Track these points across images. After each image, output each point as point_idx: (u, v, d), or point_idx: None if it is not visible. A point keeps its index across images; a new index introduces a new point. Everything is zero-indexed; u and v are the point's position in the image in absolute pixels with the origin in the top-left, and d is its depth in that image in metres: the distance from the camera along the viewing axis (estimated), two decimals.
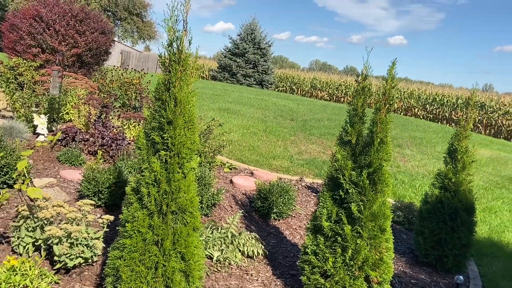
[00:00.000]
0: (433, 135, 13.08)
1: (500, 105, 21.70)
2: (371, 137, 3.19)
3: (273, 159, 7.36)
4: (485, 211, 6.40)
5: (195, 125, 2.85)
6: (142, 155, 2.79)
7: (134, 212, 2.73)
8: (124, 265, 2.68)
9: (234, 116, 10.91)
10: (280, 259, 3.99)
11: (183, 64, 2.72)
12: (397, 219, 5.32)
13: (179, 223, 2.79)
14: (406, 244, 4.82)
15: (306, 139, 9.45)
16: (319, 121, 12.34)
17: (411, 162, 9.10)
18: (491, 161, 10.78)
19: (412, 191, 6.86)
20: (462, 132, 4.34)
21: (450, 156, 4.38)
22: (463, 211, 4.22)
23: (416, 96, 25.37)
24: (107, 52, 10.34)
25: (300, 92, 30.37)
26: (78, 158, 5.22)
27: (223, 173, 6.11)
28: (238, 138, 8.43)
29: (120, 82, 7.88)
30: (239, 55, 29.71)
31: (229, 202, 4.98)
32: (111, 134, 5.73)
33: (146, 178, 2.72)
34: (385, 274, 3.21)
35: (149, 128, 2.80)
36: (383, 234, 3.20)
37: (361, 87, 3.28)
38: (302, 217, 5.04)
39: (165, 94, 2.74)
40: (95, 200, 4.13)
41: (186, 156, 2.79)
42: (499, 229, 5.67)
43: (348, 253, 3.11)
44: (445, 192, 4.29)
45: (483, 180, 8.52)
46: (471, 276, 4.21)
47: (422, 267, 4.29)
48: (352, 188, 3.15)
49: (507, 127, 20.06)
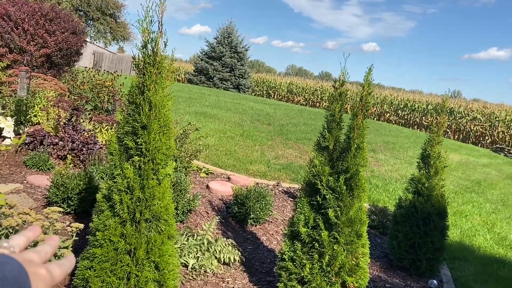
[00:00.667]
0: (405, 140, 13.36)
1: (468, 111, 22.43)
2: (348, 143, 3.20)
3: (250, 163, 7.31)
4: (456, 214, 6.55)
5: (171, 130, 2.77)
6: (114, 161, 2.69)
7: (105, 220, 2.62)
8: (95, 276, 2.57)
9: (211, 120, 10.81)
10: (257, 265, 3.94)
11: (158, 66, 2.65)
12: (372, 223, 5.36)
13: (153, 231, 2.70)
14: (380, 248, 4.86)
15: (283, 144, 9.45)
16: (295, 125, 12.39)
17: (385, 166, 9.24)
18: (460, 165, 11.10)
19: (386, 195, 6.95)
20: (434, 138, 4.42)
21: (423, 161, 4.45)
22: (436, 216, 4.29)
23: (388, 102, 25.92)
24: (78, 53, 10.06)
25: (277, 97, 30.50)
26: (47, 163, 5.02)
27: (199, 178, 6.01)
28: (215, 142, 8.35)
29: (92, 84, 7.66)
30: (215, 58, 29.59)
31: (206, 208, 4.89)
32: (82, 137, 5.55)
33: (119, 185, 2.62)
34: (361, 280, 3.21)
35: (122, 132, 2.71)
36: (359, 240, 3.20)
37: (339, 93, 3.28)
38: (279, 222, 5.01)
39: (139, 97, 2.65)
40: (64, 207, 3.97)
41: (161, 162, 2.71)
42: (470, 233, 5.81)
43: (325, 259, 3.09)
44: (419, 196, 4.35)
45: (453, 184, 8.74)
46: (444, 280, 4.27)
47: (396, 271, 4.33)
48: (330, 194, 3.14)
49: (475, 132, 20.74)
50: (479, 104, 24.06)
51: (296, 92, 29.87)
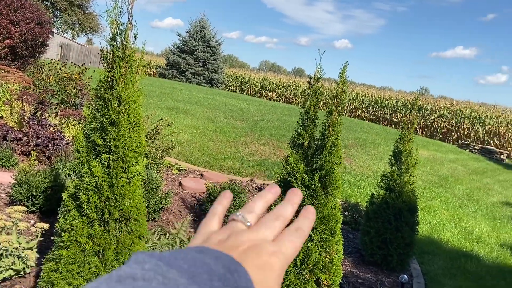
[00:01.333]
0: (376, 136, 13.60)
1: (436, 108, 23.10)
2: (323, 140, 3.18)
3: (223, 160, 7.24)
4: (425, 210, 6.71)
5: (142, 126, 2.67)
6: (81, 159, 2.57)
7: (72, 220, 2.50)
8: (60, 278, 2.45)
9: (183, 116, 10.64)
10: None
11: (128, 60, 2.54)
12: (344, 219, 5.41)
13: (123, 232, 2.60)
14: (352, 244, 4.91)
15: (256, 140, 9.41)
16: (269, 121, 12.38)
17: (357, 162, 9.37)
18: (428, 161, 11.40)
19: (357, 191, 7.04)
20: (406, 135, 4.48)
21: (395, 158, 4.51)
22: (407, 211, 4.36)
23: (360, 98, 26.34)
24: (44, 44, 9.65)
25: (250, 92, 30.43)
26: (10, 159, 4.78)
27: (171, 175, 5.89)
28: (188, 138, 8.21)
29: (58, 77, 7.36)
30: (188, 52, 29.17)
31: (178, 206, 4.79)
32: (47, 133, 5.32)
33: (86, 184, 2.51)
34: (335, 276, 3.21)
35: (89, 128, 2.58)
36: (333, 237, 3.20)
37: (314, 90, 3.26)
38: None
39: (108, 92, 2.53)
40: (29, 206, 3.79)
41: (131, 160, 2.60)
42: (439, 228, 5.96)
43: (299, 256, 3.08)
44: (390, 193, 4.41)
45: (422, 179, 8.97)
46: (414, 274, 4.36)
47: (368, 267, 4.38)
48: (304, 192, 3.12)
49: (442, 129, 21.39)
50: (446, 101, 24.83)
51: (269, 88, 29.90)
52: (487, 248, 5.48)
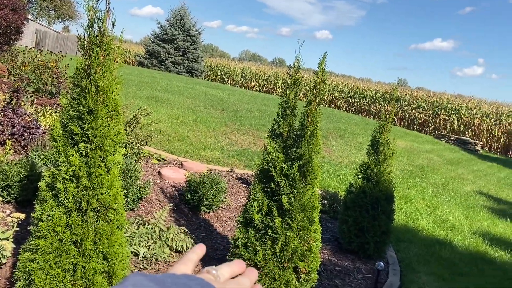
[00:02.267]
0: (355, 127, 13.78)
1: (413, 99, 23.52)
2: (302, 130, 3.22)
3: (203, 150, 7.22)
4: (401, 199, 6.88)
5: (120, 115, 2.64)
6: (58, 148, 2.53)
7: (48, 210, 2.47)
8: (38, 268, 2.42)
9: (163, 105, 10.53)
10: (210, 252, 3.92)
11: (106, 48, 2.50)
12: (323, 208, 5.50)
13: (101, 221, 2.58)
14: (331, 232, 5.00)
15: (237, 130, 9.41)
16: (249, 111, 12.37)
17: (336, 152, 9.49)
18: (405, 151, 11.64)
19: (336, 181, 7.14)
20: (384, 125, 4.57)
21: (373, 148, 4.60)
22: (384, 200, 4.46)
23: (339, 89, 26.57)
24: (19, 31, 9.36)
25: (231, 82, 30.28)
26: None
27: (150, 164, 5.85)
28: (167, 128, 8.15)
29: (34, 64, 7.15)
30: (168, 41, 28.75)
31: (157, 195, 4.78)
32: (23, 122, 5.19)
33: (63, 173, 2.47)
34: (313, 264, 3.28)
35: (66, 117, 2.54)
36: (311, 225, 3.26)
37: (293, 80, 3.28)
38: (233, 209, 5.01)
39: (85, 80, 2.50)
40: (4, 196, 3.71)
41: (110, 149, 2.58)
42: (414, 216, 6.12)
43: (278, 245, 3.12)
44: (368, 182, 4.50)
45: (399, 169, 9.17)
46: (390, 262, 4.48)
47: (345, 255, 4.48)
48: (283, 181, 3.16)
49: (419, 120, 21.83)
50: (423, 93, 25.30)
51: (250, 78, 29.82)
52: (460, 236, 5.67)
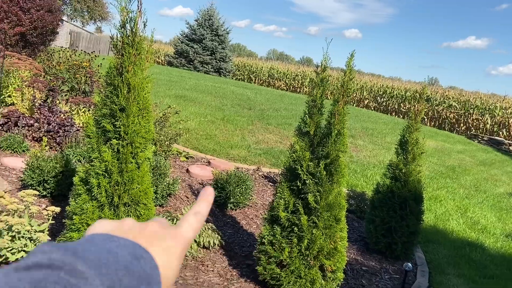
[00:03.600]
0: (383, 126, 13.56)
1: (445, 98, 22.88)
2: (329, 129, 3.21)
3: (230, 148, 7.29)
4: (431, 199, 6.73)
5: (150, 113, 2.73)
6: (91, 144, 2.63)
7: (82, 204, 2.58)
8: None
9: (191, 104, 10.69)
10: (237, 249, 3.96)
11: (137, 47, 2.58)
12: (350, 208, 5.46)
13: (132, 216, 2.67)
14: (357, 232, 4.96)
15: (263, 129, 9.45)
16: (276, 110, 12.38)
17: (363, 152, 9.38)
18: (436, 151, 11.36)
19: (364, 181, 7.06)
20: (413, 125, 4.49)
21: (401, 147, 4.53)
22: (412, 200, 4.39)
23: (368, 88, 26.16)
24: (54, 32, 9.72)
25: (258, 81, 30.35)
26: (21, 145, 4.87)
27: (179, 162, 5.96)
28: (195, 126, 8.27)
29: (68, 64, 7.43)
30: (196, 41, 29.10)
31: (185, 192, 4.87)
32: (58, 119, 5.40)
33: (96, 168, 2.58)
34: (339, 263, 3.27)
35: (99, 115, 2.64)
36: (338, 224, 3.25)
37: (320, 78, 3.28)
38: (259, 207, 5.04)
39: (118, 79, 2.59)
40: (40, 190, 3.88)
41: (140, 146, 2.67)
42: (444, 217, 5.98)
43: (304, 243, 3.13)
44: (396, 182, 4.43)
45: (429, 170, 8.96)
46: (418, 263, 4.40)
47: (372, 255, 4.43)
48: (310, 179, 3.16)
49: (450, 120, 21.22)
50: (455, 92, 24.57)
51: (277, 77, 29.78)
52: (492, 238, 5.50)
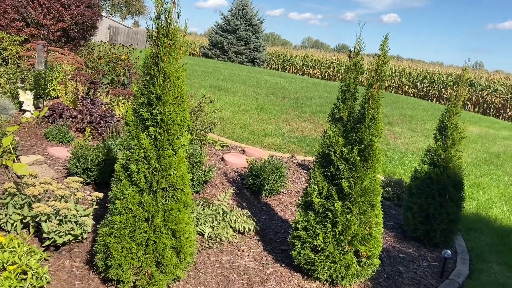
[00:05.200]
0: (423, 113, 13.14)
1: (489, 82, 21.80)
2: (362, 114, 3.17)
3: (264, 136, 7.34)
4: (473, 187, 6.50)
5: (185, 101, 2.80)
6: (131, 132, 2.74)
7: (123, 189, 2.71)
8: (114, 242, 2.67)
9: (226, 94, 10.81)
10: (271, 235, 4.02)
11: (172, 37, 2.65)
12: (387, 195, 5.38)
13: (169, 200, 2.77)
14: (395, 219, 4.89)
15: (297, 117, 9.42)
16: (310, 99, 12.29)
17: (401, 139, 9.15)
18: (479, 138, 10.90)
19: (401, 168, 6.91)
20: (452, 109, 4.34)
21: (440, 132, 4.39)
22: (452, 187, 4.26)
23: (407, 74, 25.34)
24: (94, 27, 10.08)
25: (292, 70, 30.13)
26: (66, 135, 5.14)
27: (214, 150, 6.08)
28: (230, 115, 8.37)
29: (108, 58, 7.71)
30: (230, 31, 29.23)
31: (221, 180, 4.97)
32: (99, 111, 5.64)
33: (136, 155, 2.69)
34: (374, 249, 3.25)
35: (137, 104, 2.75)
36: (373, 210, 3.23)
37: (353, 62, 3.23)
38: (293, 194, 5.07)
39: (154, 68, 2.67)
40: (84, 178, 4.09)
41: (176, 133, 2.75)
42: (487, 205, 5.77)
43: (338, 228, 3.14)
44: (434, 168, 4.32)
45: (472, 157, 8.63)
46: (459, 251, 4.29)
47: (410, 242, 4.36)
48: (343, 165, 3.15)
49: (496, 105, 20.22)
50: (501, 76, 23.32)
51: (311, 65, 29.43)
52: None
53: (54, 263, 2.95)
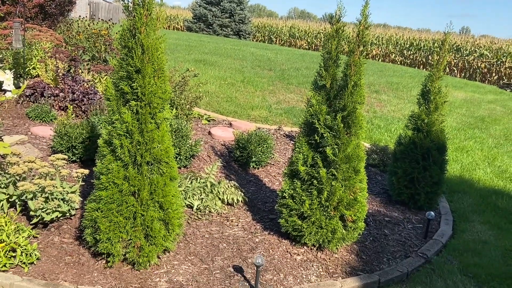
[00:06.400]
0: (409, 80, 13.16)
1: (475, 47, 21.83)
2: (345, 81, 3.18)
3: (251, 109, 7.31)
4: (457, 150, 6.61)
5: (165, 73, 2.77)
6: (112, 106, 2.72)
7: (108, 164, 2.70)
8: (102, 216, 2.69)
9: (211, 68, 10.67)
10: (260, 205, 4.08)
11: (148, 7, 2.59)
12: (373, 162, 5.45)
13: (155, 174, 2.78)
14: (380, 185, 4.98)
15: (284, 89, 9.38)
16: (297, 70, 12.20)
17: (387, 107, 9.20)
18: (464, 102, 11.01)
19: (387, 135, 6.99)
20: (435, 73, 4.36)
21: (423, 97, 4.43)
22: (435, 151, 4.34)
23: (394, 42, 25.20)
24: (72, 2, 9.75)
25: (279, 42, 29.74)
26: (49, 114, 5.06)
27: (201, 125, 6.06)
28: (216, 89, 8.30)
29: (87, 33, 7.51)
30: (214, 4, 28.55)
31: (208, 153, 4.98)
32: (82, 88, 5.55)
33: (118, 130, 2.67)
34: (359, 213, 3.33)
35: (117, 77, 2.71)
36: (357, 175, 3.28)
37: (335, 29, 3.20)
38: (281, 165, 5.11)
39: (131, 41, 2.62)
40: (69, 156, 4.07)
41: (158, 106, 2.73)
42: (471, 167, 5.89)
43: (323, 195, 3.19)
44: (418, 133, 4.38)
45: (456, 121, 8.74)
46: (443, 212, 4.41)
47: (395, 206, 4.46)
48: (327, 132, 3.18)
49: (482, 70, 20.33)
50: (486, 40, 23.35)
51: (298, 36, 29.07)
52: None
53: (43, 240, 2.97)
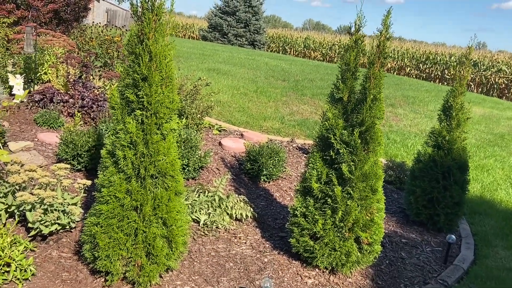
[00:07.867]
0: (425, 94, 12.88)
1: (493, 62, 21.41)
2: (363, 94, 2.99)
3: (263, 120, 7.15)
4: (477, 169, 6.34)
5: (174, 82, 2.62)
6: (116, 115, 2.58)
7: (110, 176, 2.55)
8: (101, 232, 2.53)
9: (224, 77, 10.56)
10: (270, 221, 3.89)
11: (157, 12, 2.46)
12: (389, 179, 5.22)
13: (159, 188, 2.62)
14: (397, 203, 4.75)
15: (298, 100, 9.20)
16: (311, 81, 12.03)
17: (404, 121, 8.95)
18: (483, 119, 10.69)
19: (404, 151, 6.75)
20: (457, 88, 4.15)
21: (445, 113, 4.21)
22: (456, 169, 4.11)
23: (409, 55, 24.92)
24: (87, 8, 9.76)
25: (293, 53, 29.68)
26: (57, 120, 4.97)
27: (211, 135, 5.91)
28: (228, 99, 8.17)
29: (100, 40, 7.46)
30: (230, 13, 28.68)
31: (218, 165, 4.82)
32: (91, 95, 5.45)
33: (122, 140, 2.52)
34: (376, 235, 3.12)
35: (123, 85, 2.57)
36: (374, 195, 3.08)
37: (354, 39, 3.04)
38: (293, 179, 4.92)
39: (138, 47, 2.49)
40: (74, 164, 3.94)
41: (165, 116, 2.58)
42: (492, 187, 5.62)
43: (338, 214, 2.99)
44: (439, 150, 4.15)
45: (476, 138, 8.44)
46: (463, 235, 4.16)
47: (413, 227, 4.23)
48: (343, 148, 2.99)
49: (499, 85, 19.90)
50: (504, 55, 22.90)
51: (313, 47, 28.96)
52: None
53: (41, 253, 2.82)
